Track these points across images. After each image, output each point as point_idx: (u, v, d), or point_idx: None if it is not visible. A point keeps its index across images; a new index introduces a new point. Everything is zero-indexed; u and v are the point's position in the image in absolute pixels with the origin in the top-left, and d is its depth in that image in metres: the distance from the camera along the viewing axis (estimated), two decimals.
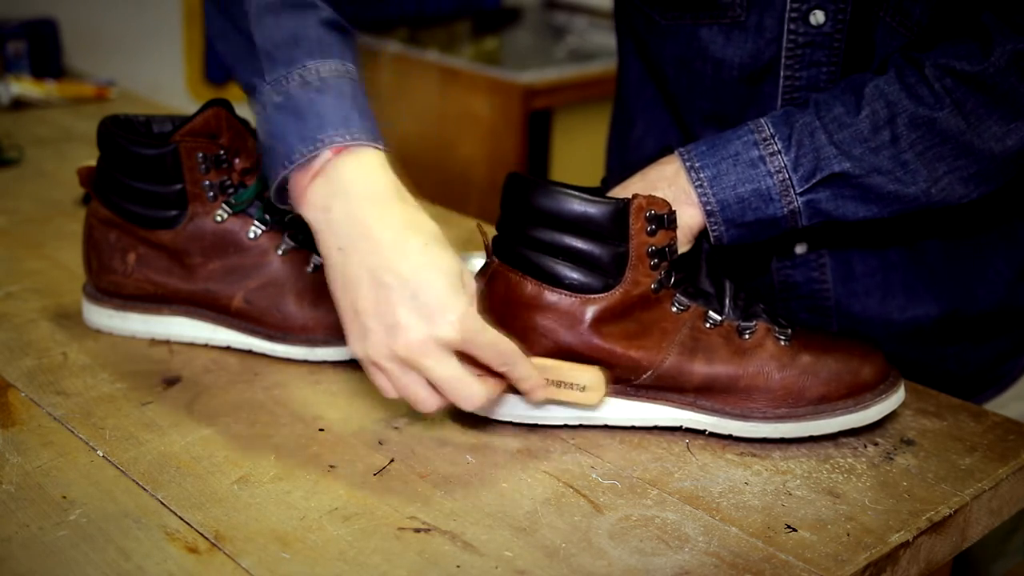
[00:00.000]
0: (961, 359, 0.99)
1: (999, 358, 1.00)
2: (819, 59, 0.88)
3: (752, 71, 0.91)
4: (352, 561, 0.65)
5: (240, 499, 0.70)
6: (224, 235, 0.88)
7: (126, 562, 0.64)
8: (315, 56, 0.74)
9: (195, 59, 2.49)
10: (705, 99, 0.95)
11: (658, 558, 0.66)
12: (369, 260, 0.71)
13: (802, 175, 0.81)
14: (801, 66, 0.89)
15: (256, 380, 0.85)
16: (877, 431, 0.81)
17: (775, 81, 0.90)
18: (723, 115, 0.94)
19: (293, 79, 0.74)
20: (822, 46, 0.88)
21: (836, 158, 0.81)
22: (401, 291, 0.70)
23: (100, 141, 0.89)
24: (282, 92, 0.74)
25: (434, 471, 0.74)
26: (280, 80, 0.74)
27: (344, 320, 0.73)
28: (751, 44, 0.90)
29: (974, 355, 0.99)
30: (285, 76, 0.74)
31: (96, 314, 0.91)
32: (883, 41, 0.86)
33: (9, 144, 1.39)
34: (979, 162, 0.82)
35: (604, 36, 2.72)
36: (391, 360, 0.71)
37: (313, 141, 0.72)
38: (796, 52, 0.89)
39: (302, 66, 0.74)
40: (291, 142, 0.72)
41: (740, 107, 0.93)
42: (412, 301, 0.70)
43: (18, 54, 1.71)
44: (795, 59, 0.89)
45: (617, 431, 0.80)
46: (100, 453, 0.75)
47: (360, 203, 0.72)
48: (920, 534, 0.69)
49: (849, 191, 0.82)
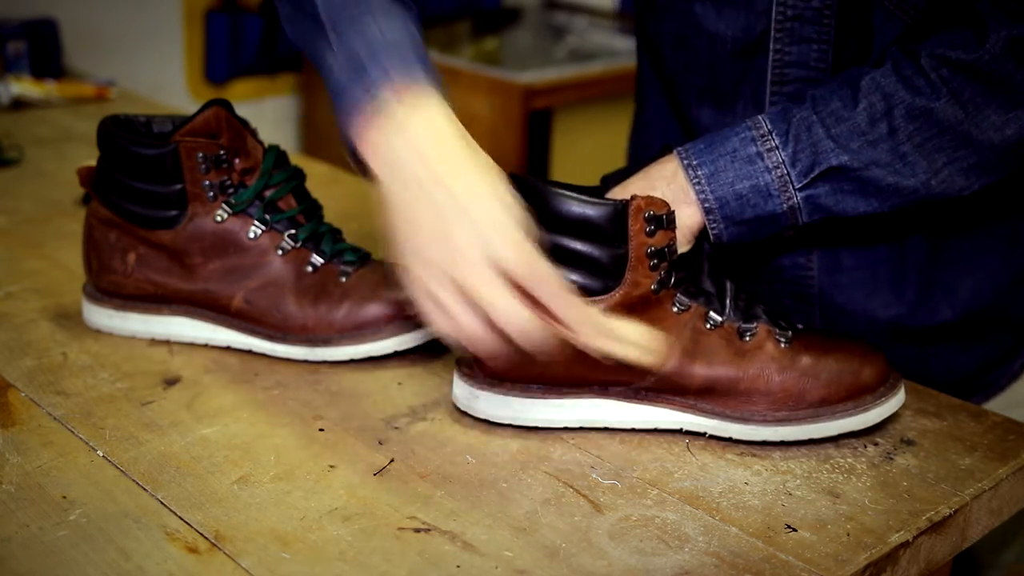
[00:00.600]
0: (945, 363, 0.98)
1: (985, 365, 1.00)
2: (809, 35, 0.88)
3: (744, 45, 0.91)
4: (352, 561, 0.65)
5: (240, 499, 0.70)
6: (224, 235, 0.88)
7: (126, 562, 0.64)
8: (376, 15, 0.76)
9: (195, 59, 2.49)
10: (700, 75, 0.95)
11: (658, 558, 0.66)
12: (429, 190, 0.71)
13: (800, 170, 0.81)
14: (791, 41, 0.89)
15: (256, 380, 0.85)
16: (877, 431, 0.81)
17: (766, 56, 0.91)
18: (718, 90, 0.94)
19: (356, 37, 0.75)
20: (811, 21, 0.88)
21: (834, 152, 0.81)
22: (459, 216, 0.70)
23: (100, 141, 0.89)
24: (345, 50, 0.75)
25: (434, 471, 0.74)
26: (345, 39, 0.75)
27: (406, 262, 0.73)
28: (743, 18, 0.90)
29: (958, 360, 0.98)
30: (349, 34, 0.75)
31: (96, 314, 0.91)
32: (882, 26, 0.86)
33: (9, 144, 1.39)
34: (979, 152, 0.81)
35: (604, 36, 2.73)
36: (449, 289, 0.70)
37: (376, 89, 0.73)
38: (786, 26, 0.89)
39: (364, 24, 0.75)
40: (356, 94, 0.74)
41: (734, 82, 0.93)
42: (469, 224, 0.69)
43: (18, 54, 1.71)
44: (784, 33, 0.89)
45: (617, 431, 0.80)
46: (100, 453, 0.75)
47: (421, 139, 0.72)
48: (920, 534, 0.69)
49: (848, 185, 0.82)
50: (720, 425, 0.78)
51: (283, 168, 0.89)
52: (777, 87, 0.91)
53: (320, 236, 0.90)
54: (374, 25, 0.75)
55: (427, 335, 0.88)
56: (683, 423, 0.79)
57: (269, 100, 2.64)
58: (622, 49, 2.55)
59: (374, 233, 0.78)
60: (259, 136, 0.90)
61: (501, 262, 0.69)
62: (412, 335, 0.87)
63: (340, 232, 0.92)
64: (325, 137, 2.60)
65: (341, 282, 0.88)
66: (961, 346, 0.98)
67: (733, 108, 0.95)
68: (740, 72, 0.93)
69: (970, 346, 0.98)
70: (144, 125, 0.91)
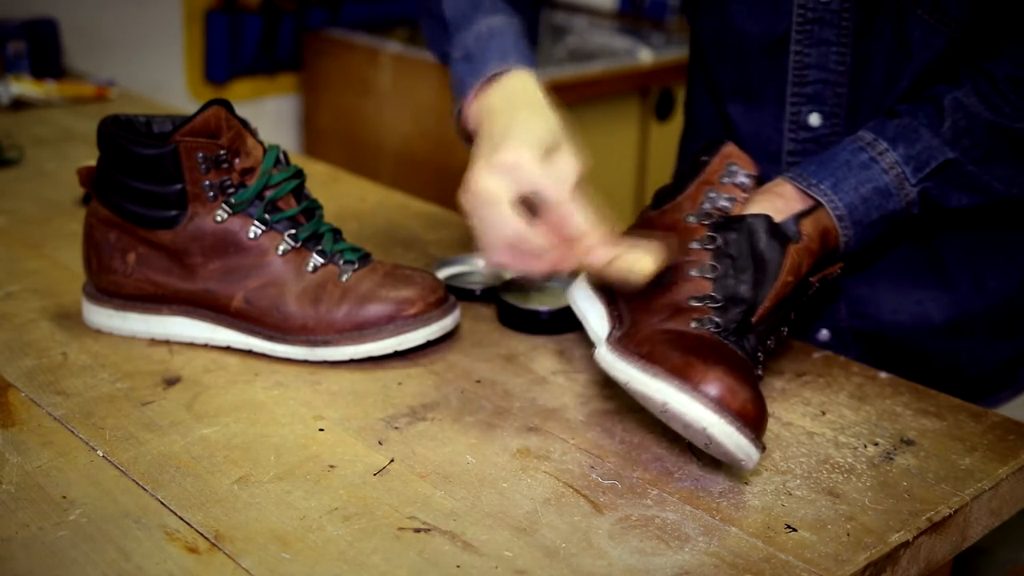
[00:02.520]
0: (973, 355, 0.99)
1: (1015, 359, 1.00)
2: (828, 37, 0.91)
3: (770, 43, 0.94)
4: (352, 561, 0.65)
5: (240, 499, 0.70)
6: (224, 235, 0.88)
7: (126, 562, 0.64)
8: (488, 14, 0.89)
9: (195, 59, 2.49)
10: (730, 72, 0.99)
11: (658, 558, 0.66)
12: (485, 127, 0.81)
13: (914, 167, 0.85)
14: (811, 43, 0.92)
15: (256, 380, 0.85)
16: (877, 431, 0.81)
17: (788, 56, 0.93)
18: (746, 88, 0.98)
19: (470, 36, 0.88)
20: (830, 24, 0.91)
21: (941, 149, 0.85)
22: (488, 138, 0.80)
23: (100, 141, 0.89)
24: (462, 47, 0.88)
25: (434, 471, 0.74)
26: (462, 39, 0.88)
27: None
28: (768, 17, 0.93)
29: (987, 353, 0.99)
30: (465, 35, 0.88)
31: (96, 314, 0.91)
32: (923, 40, 0.89)
33: (9, 144, 1.39)
34: None
35: (604, 36, 2.72)
36: (466, 198, 0.78)
37: (480, 75, 0.85)
38: (805, 28, 0.92)
39: (478, 23, 0.88)
40: (467, 82, 0.86)
41: (761, 80, 0.96)
42: (491, 140, 0.79)
43: (18, 54, 1.71)
44: (804, 35, 0.92)
45: (617, 431, 0.80)
46: (100, 453, 0.75)
47: (494, 100, 0.83)
48: (920, 534, 0.69)
49: (958, 179, 0.86)
50: None
51: (283, 168, 0.89)
52: (798, 88, 0.93)
53: (320, 236, 0.90)
54: (485, 24, 0.88)
55: (427, 335, 0.88)
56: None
57: (269, 100, 2.63)
58: (622, 49, 2.55)
59: (374, 233, 0.77)
60: (259, 136, 0.90)
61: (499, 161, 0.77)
62: (412, 335, 0.87)
63: (340, 232, 0.92)
64: (325, 137, 2.61)
65: (341, 282, 0.88)
66: (990, 339, 0.99)
67: (760, 105, 0.96)
68: (766, 71, 0.95)
69: (999, 340, 0.99)
70: (144, 125, 0.91)
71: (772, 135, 0.96)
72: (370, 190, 1.29)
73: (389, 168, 2.49)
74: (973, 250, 0.96)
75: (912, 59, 0.89)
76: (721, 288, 0.77)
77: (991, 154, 0.86)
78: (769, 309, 0.77)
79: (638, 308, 0.79)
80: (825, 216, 0.83)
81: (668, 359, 0.71)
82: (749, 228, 0.78)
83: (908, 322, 0.97)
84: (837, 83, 0.92)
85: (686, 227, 0.81)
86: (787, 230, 0.79)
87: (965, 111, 0.85)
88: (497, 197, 0.77)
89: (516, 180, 0.77)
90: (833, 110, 0.93)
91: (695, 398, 0.69)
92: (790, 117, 0.95)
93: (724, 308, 0.76)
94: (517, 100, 0.82)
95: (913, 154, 0.85)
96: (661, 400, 0.70)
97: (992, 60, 0.87)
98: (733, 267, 0.77)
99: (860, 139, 0.86)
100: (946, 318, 0.97)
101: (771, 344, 0.80)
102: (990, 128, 0.85)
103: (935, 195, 0.86)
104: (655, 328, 0.75)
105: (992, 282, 0.97)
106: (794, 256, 0.78)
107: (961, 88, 0.86)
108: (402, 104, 2.44)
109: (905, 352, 0.98)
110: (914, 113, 0.86)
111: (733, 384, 0.69)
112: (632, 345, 0.75)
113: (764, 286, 0.77)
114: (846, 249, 0.85)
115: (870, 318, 0.98)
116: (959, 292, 0.97)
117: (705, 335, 0.74)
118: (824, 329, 1.00)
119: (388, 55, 2.43)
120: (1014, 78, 0.85)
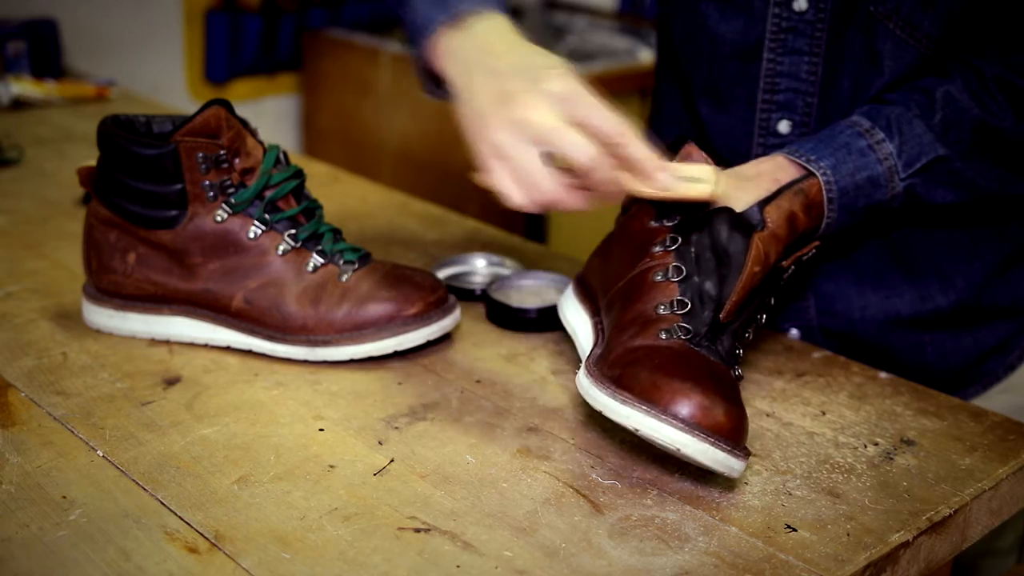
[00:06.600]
0: (939, 350, 0.99)
1: (982, 355, 1.00)
2: (800, 47, 0.91)
3: (742, 49, 0.94)
4: (352, 561, 0.65)
5: (240, 499, 0.70)
6: (224, 235, 0.88)
7: (126, 562, 0.64)
8: None
9: (195, 59, 2.49)
10: (701, 73, 0.98)
11: (658, 558, 0.66)
12: (488, 64, 0.76)
13: (906, 161, 0.85)
14: (783, 51, 0.92)
15: (256, 380, 0.85)
16: (877, 431, 0.81)
17: (760, 63, 0.93)
18: (715, 90, 0.97)
19: None
20: (803, 34, 0.91)
21: (933, 144, 0.85)
22: (513, 73, 0.75)
23: (100, 141, 0.89)
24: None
25: (434, 471, 0.74)
26: None
27: (472, 140, 0.76)
28: (741, 22, 0.93)
29: (952, 346, 0.99)
30: None
31: (96, 314, 0.91)
32: (893, 53, 0.89)
33: (9, 144, 1.39)
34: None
35: (604, 36, 2.72)
36: (507, 131, 0.73)
37: (449, 9, 0.80)
38: (779, 36, 0.92)
39: None
40: (431, 16, 0.80)
41: (730, 84, 0.96)
42: (520, 73, 0.74)
43: (18, 54, 1.71)
44: (777, 43, 0.92)
45: (617, 431, 0.80)
46: (100, 453, 0.75)
47: (483, 36, 0.79)
48: (920, 534, 0.69)
49: (945, 176, 0.86)
50: None
51: (283, 168, 0.89)
52: (768, 95, 0.93)
53: (320, 236, 0.90)
54: None
55: (427, 335, 0.88)
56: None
57: (269, 100, 2.64)
58: (622, 49, 2.55)
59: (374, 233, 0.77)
60: (259, 136, 0.90)
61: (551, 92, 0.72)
62: (412, 335, 0.87)
63: (340, 232, 0.92)
64: (325, 137, 2.61)
65: (341, 282, 0.88)
66: (953, 333, 0.98)
67: (729, 108, 0.96)
68: (736, 75, 0.95)
69: (964, 334, 0.99)
70: (144, 125, 0.91)
71: (741, 138, 0.97)
72: (370, 190, 1.29)
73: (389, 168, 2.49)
74: (940, 246, 0.97)
75: (883, 72, 0.89)
76: (688, 288, 0.76)
77: (974, 150, 0.86)
78: (738, 303, 0.76)
79: (614, 321, 0.79)
80: (802, 197, 0.81)
81: (637, 381, 0.71)
82: (710, 224, 0.78)
83: (876, 318, 0.97)
84: (807, 92, 0.92)
85: (649, 230, 0.81)
86: (751, 219, 0.78)
87: (955, 105, 0.85)
88: (551, 126, 0.72)
89: (571, 109, 0.72)
90: (803, 119, 0.93)
91: (664, 421, 0.69)
92: (760, 123, 0.95)
93: (692, 312, 0.75)
94: (511, 38, 0.78)
95: (906, 147, 0.85)
96: (632, 427, 0.71)
97: (979, 57, 0.87)
98: (697, 266, 0.77)
99: (858, 124, 0.86)
100: (912, 313, 0.97)
101: (749, 336, 0.80)
102: (977, 125, 0.85)
103: (920, 191, 0.86)
104: (625, 347, 0.75)
105: (959, 277, 0.97)
106: (759, 245, 0.76)
107: (952, 82, 0.86)
108: (402, 104, 2.44)
109: (873, 349, 0.98)
110: (906, 103, 0.86)
111: (702, 400, 0.69)
112: (605, 367, 0.75)
113: (730, 280, 0.76)
114: (826, 231, 0.84)
115: (839, 315, 0.98)
116: (926, 287, 0.97)
117: (675, 346, 0.74)
118: (793, 328, 1.00)
119: (388, 55, 2.43)
120: (1003, 80, 0.86)
